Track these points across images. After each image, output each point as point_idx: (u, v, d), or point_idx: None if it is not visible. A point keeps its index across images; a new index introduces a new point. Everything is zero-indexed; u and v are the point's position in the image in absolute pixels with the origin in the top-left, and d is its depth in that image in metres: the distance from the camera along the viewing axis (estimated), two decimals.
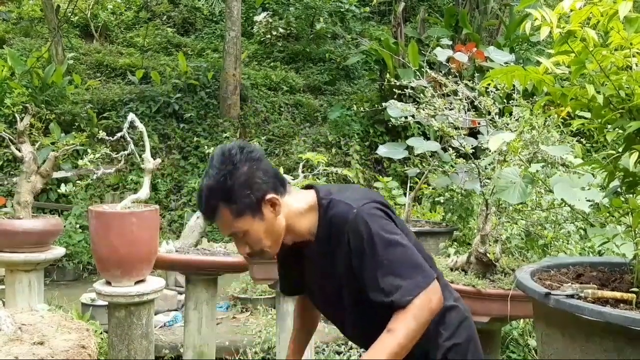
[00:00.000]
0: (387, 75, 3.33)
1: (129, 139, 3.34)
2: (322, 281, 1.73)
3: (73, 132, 8.05)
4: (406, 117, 2.94)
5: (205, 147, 7.79)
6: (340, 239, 1.61)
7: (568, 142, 2.51)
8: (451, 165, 3.03)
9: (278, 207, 1.62)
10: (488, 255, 2.34)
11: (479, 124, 2.92)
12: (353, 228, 1.58)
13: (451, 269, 2.47)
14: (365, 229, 1.56)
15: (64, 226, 6.93)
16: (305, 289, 1.86)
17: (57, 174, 7.15)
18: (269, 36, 11.88)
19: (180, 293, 5.51)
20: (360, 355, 1.70)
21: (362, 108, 5.49)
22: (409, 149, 3.41)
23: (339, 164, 8.77)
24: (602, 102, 1.33)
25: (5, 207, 4.30)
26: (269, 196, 1.60)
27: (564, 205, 2.15)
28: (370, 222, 1.57)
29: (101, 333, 4.15)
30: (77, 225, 7.47)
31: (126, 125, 3.33)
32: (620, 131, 1.37)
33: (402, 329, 1.50)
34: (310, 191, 1.71)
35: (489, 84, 1.68)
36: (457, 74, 3.12)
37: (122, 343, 3.17)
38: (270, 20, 11.89)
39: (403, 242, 1.56)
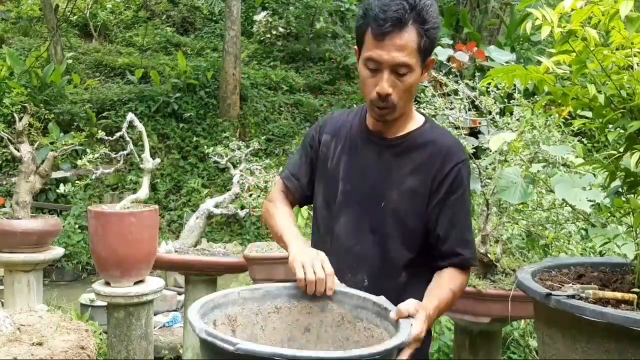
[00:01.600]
0: None
1: (128, 138, 3.34)
2: (372, 182, 1.56)
3: (72, 132, 8.04)
4: None
5: (205, 147, 7.79)
6: (438, 163, 1.52)
7: (569, 142, 2.51)
8: None
9: (428, 72, 1.53)
10: (489, 255, 2.33)
11: (479, 123, 2.91)
12: (459, 171, 1.52)
13: None
14: (467, 180, 1.55)
15: (63, 226, 6.93)
16: (325, 187, 1.64)
17: (56, 174, 7.15)
18: (268, 35, 11.88)
19: (180, 294, 5.50)
20: None
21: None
22: None
23: None
24: (603, 101, 1.33)
25: (4, 207, 4.29)
26: (432, 57, 1.51)
27: (565, 206, 2.14)
28: (469, 176, 1.57)
29: (100, 334, 4.15)
30: (76, 226, 7.48)
31: (125, 125, 3.32)
32: (622, 131, 1.36)
33: (458, 295, 1.51)
34: None
35: (489, 84, 1.67)
36: (457, 74, 3.12)
37: (121, 344, 3.16)
38: (270, 19, 11.89)
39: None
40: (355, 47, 1.55)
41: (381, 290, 1.39)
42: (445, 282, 1.50)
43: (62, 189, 3.97)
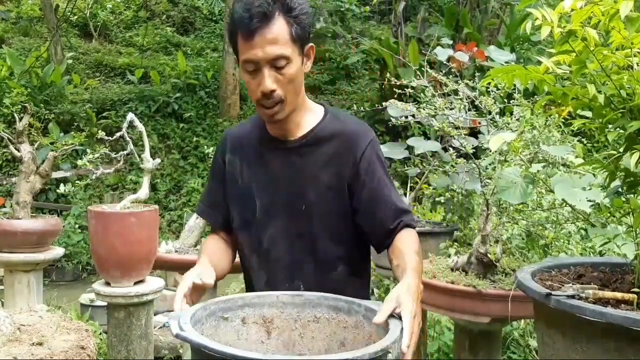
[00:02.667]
0: (388, 75, 3.32)
1: (128, 138, 3.33)
2: (287, 189, 1.54)
3: (72, 132, 8.05)
4: (406, 117, 2.94)
5: (205, 147, 7.79)
6: (348, 154, 1.52)
7: (569, 142, 2.51)
8: (452, 165, 3.02)
9: (310, 62, 1.50)
10: (489, 255, 2.33)
11: (479, 123, 2.91)
12: (370, 155, 1.52)
13: (452, 270, 2.46)
14: (379, 156, 1.55)
15: (63, 226, 6.93)
16: (240, 207, 1.59)
17: (56, 174, 7.15)
18: None
19: None
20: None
21: (362, 108, 5.47)
22: (410, 148, 3.40)
23: None
24: (603, 101, 1.33)
25: (4, 207, 4.29)
26: (311, 43, 1.49)
27: (565, 206, 2.14)
28: (382, 152, 1.58)
29: (100, 334, 4.15)
30: (76, 226, 7.48)
31: (125, 125, 3.32)
32: (622, 131, 1.37)
33: (420, 249, 1.48)
34: None
35: (489, 84, 1.67)
36: (457, 74, 3.12)
37: (121, 344, 3.16)
38: None
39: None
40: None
41: (320, 290, 1.37)
42: (405, 249, 1.46)
43: (62, 189, 3.97)
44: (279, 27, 1.41)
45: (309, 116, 1.58)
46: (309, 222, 1.53)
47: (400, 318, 1.21)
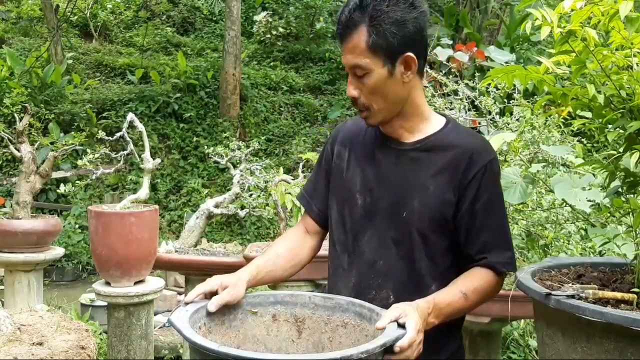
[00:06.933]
0: None
1: (128, 138, 3.34)
2: (392, 191, 1.47)
3: (72, 132, 8.04)
4: None
5: (205, 147, 7.80)
6: (462, 168, 1.42)
7: (569, 142, 2.51)
8: None
9: (411, 72, 1.42)
10: None
11: (479, 123, 2.91)
12: (484, 174, 1.42)
13: None
14: (496, 182, 1.47)
15: (63, 226, 6.94)
16: (340, 201, 1.54)
17: (56, 174, 7.15)
18: (268, 36, 11.88)
19: (180, 293, 5.50)
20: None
21: None
22: None
23: None
24: (603, 102, 1.33)
25: (5, 207, 4.29)
26: (409, 53, 1.40)
27: (565, 206, 2.14)
28: (499, 175, 1.50)
29: (100, 334, 4.15)
30: (77, 226, 7.48)
31: (125, 125, 3.32)
32: (621, 131, 1.37)
33: (474, 301, 1.41)
34: None
35: (489, 84, 1.67)
36: (457, 74, 3.12)
37: (122, 343, 3.16)
38: (270, 19, 11.88)
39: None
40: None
41: None
42: (457, 283, 1.42)
43: (62, 189, 3.97)
44: (358, 36, 1.38)
45: (426, 124, 1.50)
46: (408, 230, 1.45)
47: (403, 326, 1.22)
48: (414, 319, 1.24)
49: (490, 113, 2.72)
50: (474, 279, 1.43)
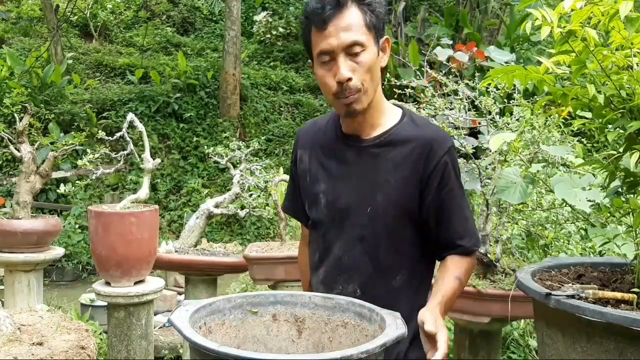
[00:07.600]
0: (387, 75, 3.32)
1: (128, 138, 3.34)
2: (355, 189, 1.49)
3: (72, 132, 8.04)
4: None
5: (205, 147, 7.81)
6: (423, 160, 1.45)
7: (569, 142, 2.51)
8: None
9: (386, 55, 1.46)
10: (489, 255, 2.33)
11: (479, 123, 2.91)
12: (446, 163, 1.45)
13: None
14: (455, 168, 1.49)
15: (63, 226, 6.94)
16: (309, 204, 1.58)
17: (56, 174, 7.15)
18: (268, 36, 11.88)
19: (180, 293, 5.51)
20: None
21: None
22: None
23: None
24: (603, 102, 1.33)
25: (5, 207, 4.29)
26: (387, 37, 1.46)
27: (565, 206, 2.14)
28: (458, 163, 1.53)
29: (100, 334, 4.15)
30: (77, 226, 7.48)
31: (125, 125, 3.32)
32: (621, 131, 1.37)
33: (464, 283, 1.48)
34: None
35: (489, 84, 1.67)
36: (457, 74, 3.12)
37: (122, 343, 3.16)
38: (270, 19, 11.88)
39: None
40: (309, 61, 1.53)
41: (373, 297, 1.35)
42: (449, 272, 1.46)
43: (62, 189, 3.97)
44: (353, 14, 1.39)
45: (386, 118, 1.52)
46: (372, 226, 1.47)
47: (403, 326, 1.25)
48: (445, 333, 1.28)
49: (490, 113, 2.72)
50: (461, 263, 1.49)
